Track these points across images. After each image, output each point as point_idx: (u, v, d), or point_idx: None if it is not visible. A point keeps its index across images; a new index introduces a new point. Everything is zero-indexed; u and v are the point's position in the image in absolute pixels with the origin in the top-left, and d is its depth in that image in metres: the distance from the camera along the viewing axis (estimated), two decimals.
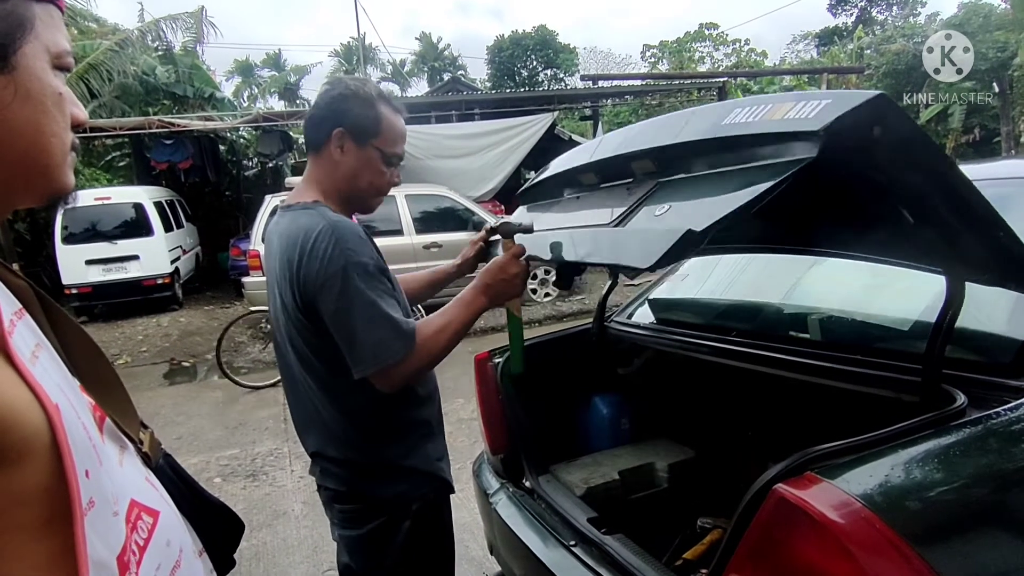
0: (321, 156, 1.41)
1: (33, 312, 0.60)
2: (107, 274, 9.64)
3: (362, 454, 1.41)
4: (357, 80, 1.44)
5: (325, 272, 1.26)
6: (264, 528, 3.40)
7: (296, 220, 1.35)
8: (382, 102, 1.40)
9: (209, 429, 5.09)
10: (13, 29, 0.58)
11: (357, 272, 1.27)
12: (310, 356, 1.38)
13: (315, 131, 1.41)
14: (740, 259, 2.41)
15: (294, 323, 1.36)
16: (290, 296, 1.33)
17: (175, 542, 0.69)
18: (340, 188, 1.42)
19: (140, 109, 12.75)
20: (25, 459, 0.51)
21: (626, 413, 2.27)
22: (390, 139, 1.41)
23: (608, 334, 2.30)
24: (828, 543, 0.93)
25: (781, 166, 1.03)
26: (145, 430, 0.78)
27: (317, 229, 1.29)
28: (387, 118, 1.40)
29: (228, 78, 28.45)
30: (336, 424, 1.40)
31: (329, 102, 1.39)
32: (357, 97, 1.38)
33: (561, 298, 8.70)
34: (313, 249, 1.28)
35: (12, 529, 0.51)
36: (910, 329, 1.53)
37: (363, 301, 1.27)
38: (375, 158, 1.41)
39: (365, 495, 1.43)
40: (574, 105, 15.61)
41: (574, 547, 1.59)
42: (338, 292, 1.26)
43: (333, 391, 1.39)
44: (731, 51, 33.46)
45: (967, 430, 1.14)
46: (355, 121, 1.37)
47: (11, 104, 0.58)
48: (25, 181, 0.62)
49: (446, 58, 33.00)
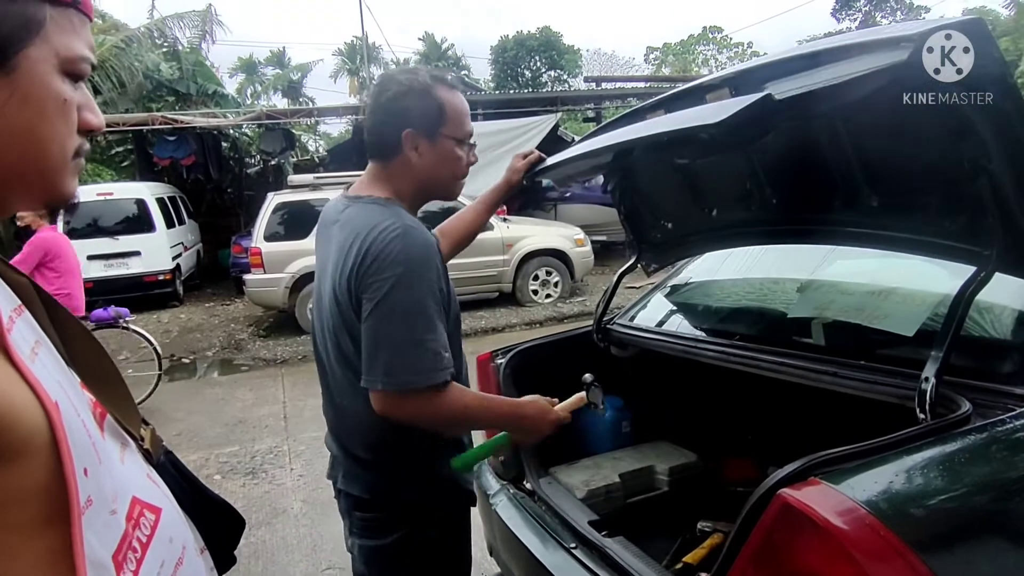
0: (393, 162, 1.34)
1: (33, 309, 0.60)
2: (109, 270, 9.64)
3: (394, 456, 1.35)
4: (406, 73, 1.35)
5: (380, 268, 1.19)
6: (263, 526, 3.39)
7: (368, 212, 1.28)
8: (438, 85, 1.32)
9: (209, 426, 5.09)
10: (17, 30, 0.57)
11: (413, 281, 1.20)
12: (352, 352, 1.28)
13: (380, 138, 1.33)
14: (743, 263, 2.40)
15: (343, 314, 1.28)
16: (344, 287, 1.25)
17: (178, 539, 0.68)
18: (419, 187, 1.37)
19: (144, 105, 12.76)
20: (24, 457, 0.51)
21: (627, 416, 2.27)
22: (457, 122, 1.34)
23: (610, 336, 2.29)
24: (832, 549, 0.93)
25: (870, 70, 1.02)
26: (146, 427, 0.77)
27: (389, 226, 1.22)
28: (448, 101, 1.33)
29: (232, 75, 28.50)
30: (371, 425, 1.30)
31: (387, 105, 1.31)
32: (413, 92, 1.30)
33: (562, 300, 8.70)
34: (379, 244, 1.20)
35: (11, 527, 0.51)
36: (916, 335, 1.53)
37: (408, 312, 1.19)
38: (450, 147, 1.35)
39: (391, 501, 1.36)
40: (577, 107, 15.62)
41: (574, 549, 1.59)
42: (384, 293, 1.19)
43: None
44: (734, 54, 33.48)
45: (972, 437, 1.13)
46: (420, 117, 1.30)
47: (6, 106, 0.57)
48: (22, 185, 0.61)
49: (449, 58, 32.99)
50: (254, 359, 7.12)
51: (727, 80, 1.33)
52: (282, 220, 7.77)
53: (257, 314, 9.00)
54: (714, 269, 2.52)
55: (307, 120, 15.79)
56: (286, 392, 5.86)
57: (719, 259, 2.47)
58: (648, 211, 2.30)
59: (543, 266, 8.67)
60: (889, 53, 1.01)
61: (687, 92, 1.47)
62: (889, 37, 1.03)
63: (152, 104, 12.96)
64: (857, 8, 33.04)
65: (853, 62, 1.06)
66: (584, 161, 1.72)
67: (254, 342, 7.82)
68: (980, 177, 1.18)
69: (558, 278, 8.75)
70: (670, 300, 2.48)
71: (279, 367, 6.79)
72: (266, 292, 7.76)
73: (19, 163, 0.59)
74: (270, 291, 7.70)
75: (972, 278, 1.28)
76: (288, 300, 7.71)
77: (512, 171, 1.76)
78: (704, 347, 1.94)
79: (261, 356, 7.15)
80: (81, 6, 0.63)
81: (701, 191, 2.06)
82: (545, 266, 8.69)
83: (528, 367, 2.09)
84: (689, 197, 2.09)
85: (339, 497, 1.45)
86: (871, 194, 1.53)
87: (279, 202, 7.78)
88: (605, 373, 2.32)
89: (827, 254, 2.08)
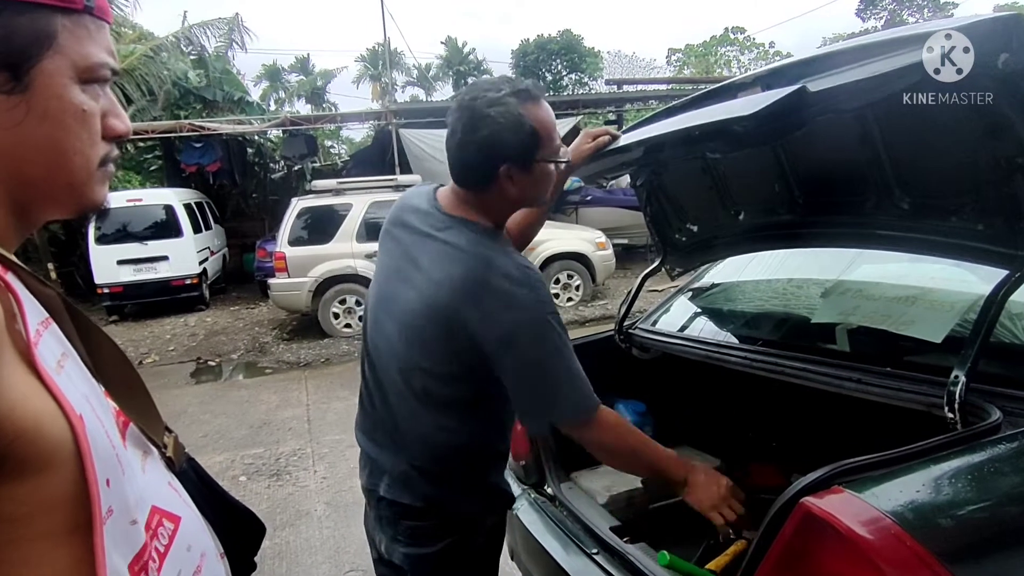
0: (488, 191, 1.31)
1: (60, 320, 0.60)
2: (138, 274, 9.85)
3: (453, 467, 1.37)
4: (496, 105, 1.24)
5: (516, 320, 1.22)
6: (287, 527, 3.43)
7: (469, 244, 1.27)
8: (526, 107, 1.25)
9: (234, 428, 5.16)
10: (28, 46, 0.56)
11: (556, 323, 1.25)
12: (430, 381, 1.31)
13: (474, 172, 1.30)
14: (766, 267, 2.38)
15: (425, 345, 1.29)
16: (435, 321, 1.25)
17: (196, 547, 0.69)
18: (511, 210, 1.38)
19: (171, 113, 13.02)
20: (49, 468, 0.52)
21: (649, 421, 2.25)
22: (548, 140, 1.30)
23: (632, 341, 2.28)
24: (856, 559, 0.91)
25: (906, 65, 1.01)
26: (169, 434, 0.78)
27: (508, 272, 1.23)
28: (539, 121, 1.27)
29: (256, 83, 28.91)
30: (437, 440, 1.34)
31: (481, 143, 1.25)
32: (507, 128, 1.24)
33: (584, 303, 8.67)
34: (502, 291, 1.22)
35: (37, 537, 0.52)
36: (943, 341, 1.50)
37: (563, 354, 1.25)
38: (544, 168, 1.31)
39: (445, 509, 1.38)
40: (598, 110, 15.59)
41: (596, 555, 1.58)
42: (539, 341, 1.24)
43: (444, 410, 1.33)
44: (757, 55, 33.12)
45: (1001, 446, 1.11)
46: (516, 150, 1.26)
47: (24, 123, 0.56)
48: (51, 196, 0.62)
49: (471, 62, 33.09)
50: (278, 362, 7.21)
51: (759, 79, 1.32)
52: (306, 225, 7.87)
53: (281, 317, 9.13)
54: (737, 273, 2.50)
55: (330, 125, 15.97)
56: (309, 395, 5.93)
57: (742, 263, 2.45)
58: (674, 213, 2.29)
59: (564, 269, 8.67)
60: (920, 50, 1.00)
61: (719, 91, 1.46)
62: (921, 32, 1.01)
63: (180, 111, 13.21)
64: (883, 7, 32.50)
65: (888, 59, 1.06)
66: (614, 157, 1.71)
67: (278, 345, 7.93)
68: (1016, 176, 1.16)
69: (579, 282, 8.73)
70: (692, 304, 2.46)
71: (302, 370, 6.86)
72: (290, 296, 7.86)
73: (45, 176, 0.60)
74: (294, 295, 7.80)
75: (1005, 280, 1.26)
76: (311, 303, 7.80)
77: (578, 153, 1.63)
78: (727, 352, 1.92)
79: (285, 359, 7.24)
80: (95, 11, 0.61)
81: (728, 192, 2.05)
82: (566, 269, 8.68)
83: None
84: (716, 199, 2.08)
85: (383, 506, 1.42)
86: (903, 196, 1.51)
87: (303, 207, 7.88)
88: (627, 377, 2.32)
89: (853, 258, 2.05)
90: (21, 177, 0.59)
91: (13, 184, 0.59)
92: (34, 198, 0.61)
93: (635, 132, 1.66)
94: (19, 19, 0.55)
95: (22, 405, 0.50)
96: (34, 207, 0.62)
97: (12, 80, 0.55)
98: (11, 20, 0.55)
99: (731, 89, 1.41)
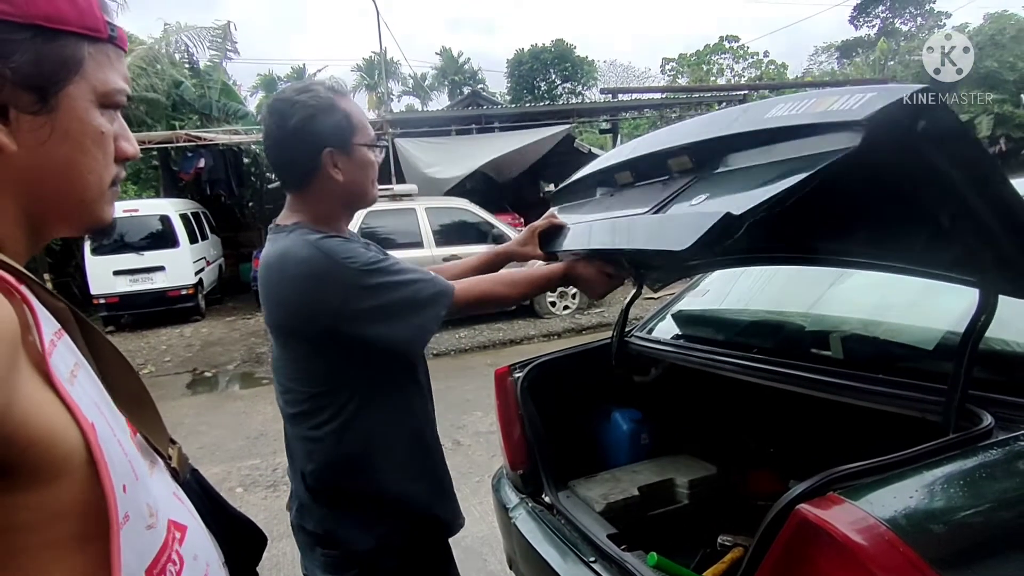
0: (314, 185, 1.31)
1: (71, 332, 0.62)
2: (134, 284, 9.84)
3: (334, 483, 1.33)
4: (305, 92, 1.29)
5: (332, 290, 1.23)
6: (284, 538, 3.41)
7: (277, 249, 1.30)
8: (337, 97, 1.30)
9: (231, 439, 5.14)
10: (57, 71, 0.59)
11: (371, 266, 1.25)
12: (290, 370, 1.35)
13: (297, 165, 1.31)
14: (761, 275, 2.39)
15: (289, 364, 1.34)
16: (282, 319, 1.31)
17: (202, 556, 0.70)
18: (345, 201, 1.37)
19: (167, 123, 13.02)
20: (63, 476, 0.53)
21: (646, 428, 2.26)
22: (363, 127, 1.33)
23: (628, 349, 2.29)
24: (851, 565, 0.92)
25: (823, 156, 1.00)
26: (173, 445, 0.79)
27: (299, 255, 1.24)
28: (350, 110, 1.31)
29: (252, 93, 28.98)
30: (311, 454, 1.33)
31: (297, 130, 1.26)
32: (321, 110, 1.26)
33: (580, 311, 8.68)
34: (302, 275, 1.24)
35: (52, 544, 0.53)
36: (935, 348, 1.52)
37: (396, 283, 1.26)
38: (364, 154, 1.33)
39: (340, 542, 1.33)
40: (593, 119, 15.65)
41: (593, 563, 1.59)
42: (368, 292, 1.23)
43: (311, 404, 1.32)
44: (750, 64, 33.34)
45: (994, 452, 1.12)
46: (334, 134, 1.28)
47: (47, 142, 0.59)
48: (62, 214, 0.64)
49: (466, 72, 33.27)
50: None
51: (686, 148, 1.33)
52: None
53: None
54: (732, 281, 2.51)
55: None
56: None
57: (736, 271, 2.47)
58: None
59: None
60: (840, 136, 0.99)
61: (651, 157, 1.44)
62: (838, 121, 1.00)
63: (175, 122, 13.21)
64: (875, 14, 32.78)
65: (807, 142, 1.05)
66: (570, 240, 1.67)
67: None
68: (960, 222, 1.16)
69: (576, 290, 8.75)
70: (688, 312, 2.47)
71: None
72: None
73: (61, 194, 0.62)
74: None
75: (979, 312, 1.25)
76: None
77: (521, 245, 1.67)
78: (722, 360, 1.93)
79: None
80: (117, 40, 0.65)
81: None
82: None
83: (546, 381, 2.09)
84: None
85: (297, 535, 1.42)
86: (866, 236, 1.49)
87: None
88: (624, 386, 2.33)
89: None
90: (38, 194, 0.61)
91: (30, 200, 0.61)
92: (47, 215, 0.63)
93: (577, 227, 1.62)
94: (50, 45, 0.58)
95: (36, 414, 0.51)
96: (46, 223, 0.64)
97: (39, 102, 0.58)
98: (43, 46, 0.58)
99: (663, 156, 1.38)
